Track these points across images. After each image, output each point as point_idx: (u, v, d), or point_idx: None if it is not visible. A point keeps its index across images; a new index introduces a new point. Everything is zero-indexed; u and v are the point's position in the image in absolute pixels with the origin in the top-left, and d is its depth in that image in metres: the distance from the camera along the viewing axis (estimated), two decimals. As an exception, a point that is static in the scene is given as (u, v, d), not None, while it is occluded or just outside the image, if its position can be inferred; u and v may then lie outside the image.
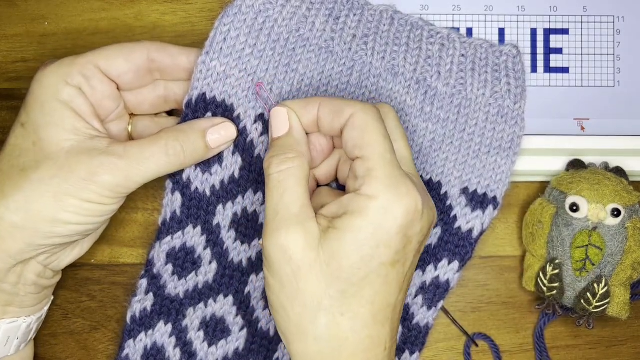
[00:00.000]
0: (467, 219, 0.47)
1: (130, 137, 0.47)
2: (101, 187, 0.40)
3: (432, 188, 0.47)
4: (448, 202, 0.47)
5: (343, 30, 0.46)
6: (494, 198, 0.47)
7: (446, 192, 0.47)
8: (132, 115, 0.47)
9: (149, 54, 0.44)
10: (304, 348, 0.39)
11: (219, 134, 0.43)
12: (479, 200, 0.47)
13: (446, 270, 0.47)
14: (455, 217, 0.47)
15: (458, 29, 0.50)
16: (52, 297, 0.48)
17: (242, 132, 0.45)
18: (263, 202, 0.46)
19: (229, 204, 0.45)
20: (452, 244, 0.47)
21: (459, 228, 0.47)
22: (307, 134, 0.42)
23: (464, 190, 0.47)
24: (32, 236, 0.41)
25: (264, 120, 0.45)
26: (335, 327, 0.38)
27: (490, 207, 0.47)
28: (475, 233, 0.47)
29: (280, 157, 0.40)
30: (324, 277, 0.38)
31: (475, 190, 0.47)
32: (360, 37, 0.46)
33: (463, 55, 0.47)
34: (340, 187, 0.46)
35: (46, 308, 0.47)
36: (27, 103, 0.42)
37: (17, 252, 0.41)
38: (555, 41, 0.51)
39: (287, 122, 0.42)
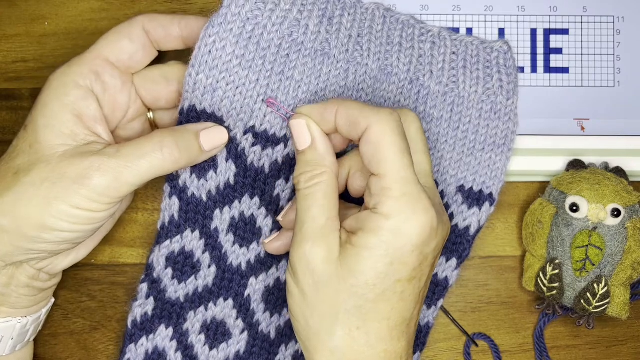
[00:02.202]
0: (464, 217, 0.47)
1: (156, 127, 0.47)
2: (91, 190, 0.39)
3: None
4: (444, 201, 0.47)
5: (339, 31, 0.45)
6: (490, 194, 0.47)
7: (442, 191, 0.47)
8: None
9: (144, 26, 0.44)
10: (319, 358, 0.39)
11: (211, 136, 0.43)
12: (475, 198, 0.47)
13: (444, 267, 0.48)
14: (451, 215, 0.47)
15: (458, 29, 0.50)
16: (53, 300, 0.48)
17: (232, 141, 0.44)
18: (260, 207, 0.46)
19: (226, 209, 0.45)
20: (450, 241, 0.47)
21: (456, 226, 0.47)
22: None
23: (460, 188, 0.47)
24: (19, 240, 0.40)
25: (254, 132, 0.44)
26: (351, 340, 0.39)
27: (487, 204, 0.47)
28: (472, 230, 0.47)
29: (307, 174, 0.40)
30: (341, 291, 0.38)
31: (471, 188, 0.47)
32: (355, 37, 0.46)
33: (454, 53, 0.47)
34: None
35: (45, 310, 0.47)
36: (34, 104, 0.42)
37: (4, 254, 0.40)
38: (555, 41, 0.51)
39: (308, 134, 0.41)
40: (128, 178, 0.40)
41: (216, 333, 0.47)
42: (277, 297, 0.47)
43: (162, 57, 0.46)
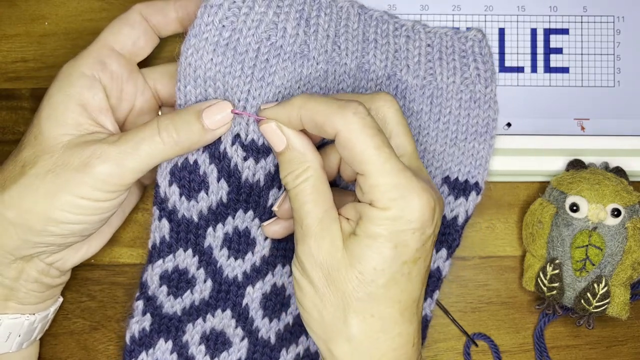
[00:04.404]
0: (451, 207, 0.47)
1: None
2: (94, 178, 0.39)
3: None
4: None
5: (317, 32, 0.44)
6: (476, 184, 0.47)
7: None
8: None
9: (142, 12, 0.44)
10: (335, 348, 0.39)
11: (214, 113, 0.42)
12: (461, 188, 0.47)
13: (435, 258, 0.48)
14: None
15: (458, 29, 0.50)
16: (61, 299, 0.48)
17: (224, 157, 0.44)
18: (254, 218, 0.45)
19: (219, 225, 0.45)
20: (439, 232, 0.47)
21: (444, 217, 0.47)
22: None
23: (446, 180, 0.47)
24: (26, 233, 0.40)
25: (242, 143, 0.43)
26: (366, 327, 0.39)
27: (473, 193, 0.47)
28: (461, 220, 0.47)
29: (291, 174, 0.40)
30: (350, 280, 0.38)
31: (457, 178, 0.47)
32: (332, 37, 0.45)
33: (429, 45, 0.46)
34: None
35: (53, 308, 0.47)
36: (42, 99, 0.42)
37: (13, 248, 0.41)
38: (555, 41, 0.51)
39: (281, 136, 0.40)
40: (130, 164, 0.40)
41: (216, 343, 0.46)
42: (274, 303, 0.47)
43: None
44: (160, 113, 0.47)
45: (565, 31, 0.51)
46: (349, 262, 0.38)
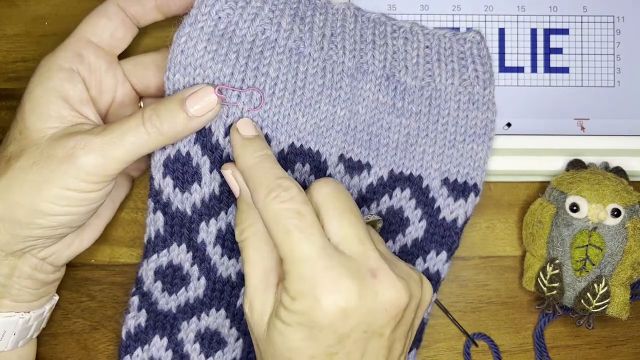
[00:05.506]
0: (451, 209, 0.47)
1: None
2: (79, 169, 0.39)
3: (414, 182, 0.47)
4: (430, 195, 0.47)
5: (312, 29, 0.45)
6: (475, 185, 0.47)
7: (427, 185, 0.47)
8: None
9: (119, 4, 0.44)
10: None
11: (197, 98, 0.41)
12: (460, 189, 0.47)
13: (435, 261, 0.48)
14: (438, 208, 0.47)
15: (458, 29, 0.50)
16: (57, 297, 0.48)
17: (216, 148, 0.44)
18: None
19: (212, 221, 0.45)
20: (438, 235, 0.47)
21: (444, 219, 0.47)
22: None
23: (445, 181, 0.47)
24: (14, 227, 0.40)
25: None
26: None
27: (472, 195, 0.47)
28: (460, 222, 0.47)
29: (239, 226, 0.41)
30: (266, 356, 0.39)
31: (456, 180, 0.47)
32: (329, 36, 0.45)
33: (427, 47, 0.46)
34: None
35: (48, 306, 0.46)
36: (24, 94, 0.42)
37: (3, 243, 0.40)
38: (555, 41, 0.51)
39: (235, 184, 0.42)
40: (114, 154, 0.40)
41: (211, 342, 0.46)
42: None
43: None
44: (141, 105, 0.47)
45: (565, 31, 0.51)
46: (267, 340, 0.38)
